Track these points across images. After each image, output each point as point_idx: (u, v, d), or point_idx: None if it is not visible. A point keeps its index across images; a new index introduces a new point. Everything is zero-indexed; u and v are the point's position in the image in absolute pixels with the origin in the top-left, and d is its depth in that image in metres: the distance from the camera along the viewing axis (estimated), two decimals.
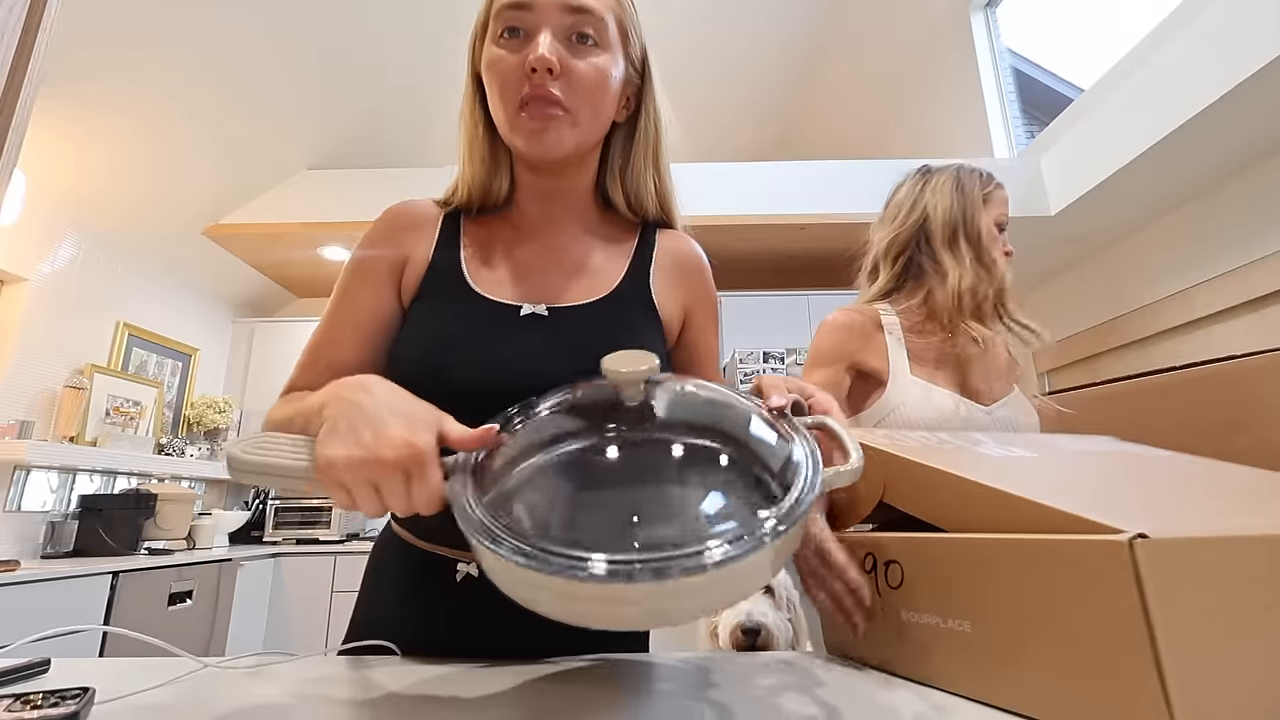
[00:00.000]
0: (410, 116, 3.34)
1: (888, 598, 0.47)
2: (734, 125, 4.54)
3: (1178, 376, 1.30)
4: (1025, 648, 0.36)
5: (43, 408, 2.46)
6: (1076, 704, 0.33)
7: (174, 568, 2.34)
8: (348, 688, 0.44)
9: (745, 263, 3.35)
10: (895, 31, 3.82)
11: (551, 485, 0.37)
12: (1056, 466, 0.52)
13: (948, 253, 1.00)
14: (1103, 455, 0.60)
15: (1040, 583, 0.35)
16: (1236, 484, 0.49)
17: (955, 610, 0.41)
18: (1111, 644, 0.31)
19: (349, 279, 0.62)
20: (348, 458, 0.36)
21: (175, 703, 0.41)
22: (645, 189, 0.66)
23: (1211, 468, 0.56)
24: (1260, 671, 0.30)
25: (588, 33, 0.56)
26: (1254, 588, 0.32)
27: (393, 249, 0.62)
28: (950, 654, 0.41)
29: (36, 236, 2.44)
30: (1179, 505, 0.42)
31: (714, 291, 0.70)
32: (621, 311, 0.61)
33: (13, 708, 0.36)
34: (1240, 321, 2.51)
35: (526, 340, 0.57)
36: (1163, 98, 2.31)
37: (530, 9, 0.55)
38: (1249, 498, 0.45)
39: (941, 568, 0.43)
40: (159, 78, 2.38)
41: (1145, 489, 0.47)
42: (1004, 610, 0.38)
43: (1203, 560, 0.31)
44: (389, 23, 2.79)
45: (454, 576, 0.57)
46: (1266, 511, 0.41)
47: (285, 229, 3.06)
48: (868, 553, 0.50)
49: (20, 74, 0.68)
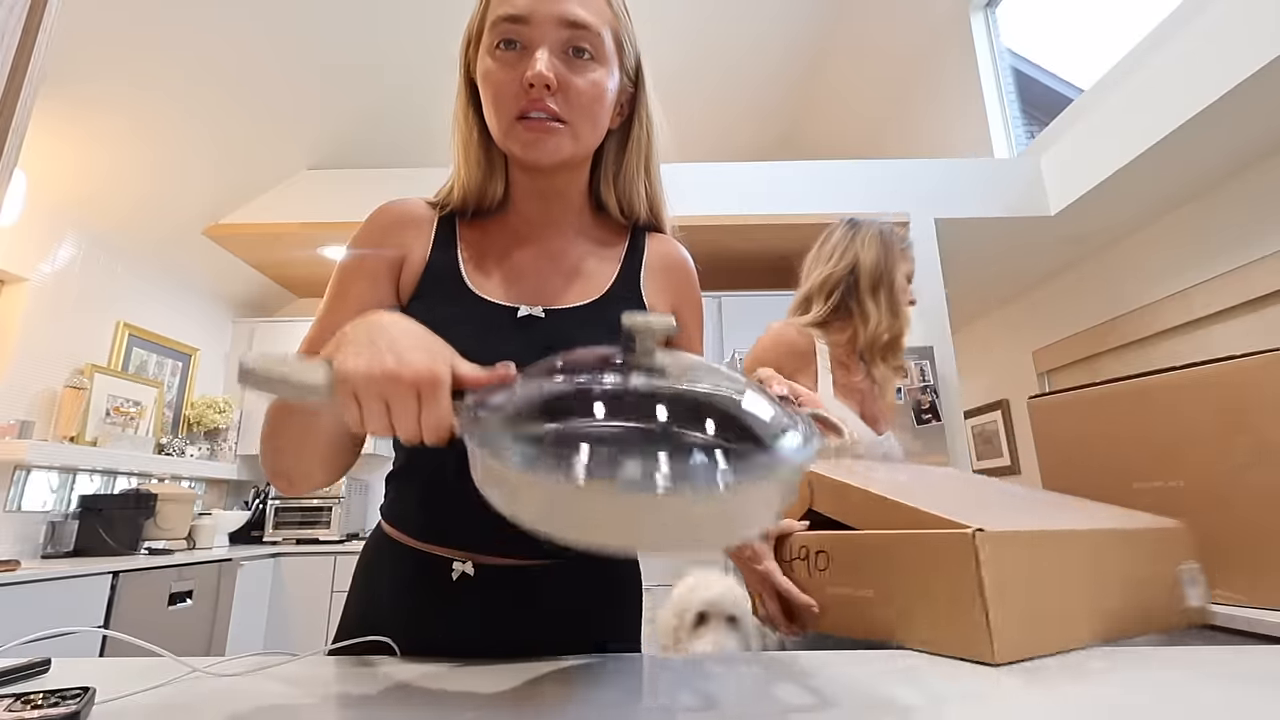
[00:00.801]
0: (410, 116, 3.34)
1: (817, 577, 0.66)
2: (736, 125, 4.54)
3: (1177, 376, 1.30)
4: (909, 605, 0.56)
5: (43, 408, 2.46)
6: (939, 637, 0.53)
7: (174, 568, 2.34)
8: (346, 687, 0.44)
9: (746, 262, 3.34)
10: (896, 32, 3.82)
11: (564, 410, 0.36)
12: (924, 486, 0.72)
13: (871, 298, 1.17)
14: (953, 478, 0.86)
15: (918, 561, 0.55)
16: (1041, 499, 0.78)
17: (863, 583, 0.61)
18: (960, 598, 0.50)
19: (345, 274, 0.62)
20: (368, 370, 0.36)
21: (175, 703, 0.41)
22: (637, 193, 0.67)
23: (1026, 491, 0.84)
24: (1053, 615, 0.53)
25: (584, 47, 0.56)
26: (1049, 561, 0.55)
27: (390, 247, 0.62)
28: (860, 613, 0.61)
29: (36, 236, 2.45)
30: (1003, 511, 0.64)
31: (699, 294, 0.71)
32: (614, 313, 0.61)
33: (13, 708, 0.37)
34: (1240, 321, 2.51)
35: (524, 341, 0.57)
36: (1163, 98, 2.31)
37: (528, 23, 0.54)
38: (1048, 507, 0.72)
39: (854, 554, 0.63)
40: (159, 78, 2.38)
41: (981, 501, 0.70)
42: (895, 580, 0.58)
43: (1017, 544, 0.53)
44: (389, 23, 2.79)
45: (449, 576, 0.57)
46: (1059, 517, 0.66)
47: (285, 229, 3.06)
48: (803, 545, 0.68)
49: (20, 74, 0.68)
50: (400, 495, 0.62)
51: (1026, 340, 3.77)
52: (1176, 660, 0.50)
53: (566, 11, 0.54)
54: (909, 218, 3.00)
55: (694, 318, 0.70)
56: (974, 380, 4.20)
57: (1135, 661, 0.49)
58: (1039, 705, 0.40)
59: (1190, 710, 0.38)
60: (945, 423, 2.63)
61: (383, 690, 0.44)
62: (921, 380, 2.67)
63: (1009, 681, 0.44)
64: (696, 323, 0.70)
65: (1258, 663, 0.49)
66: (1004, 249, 3.21)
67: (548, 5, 0.54)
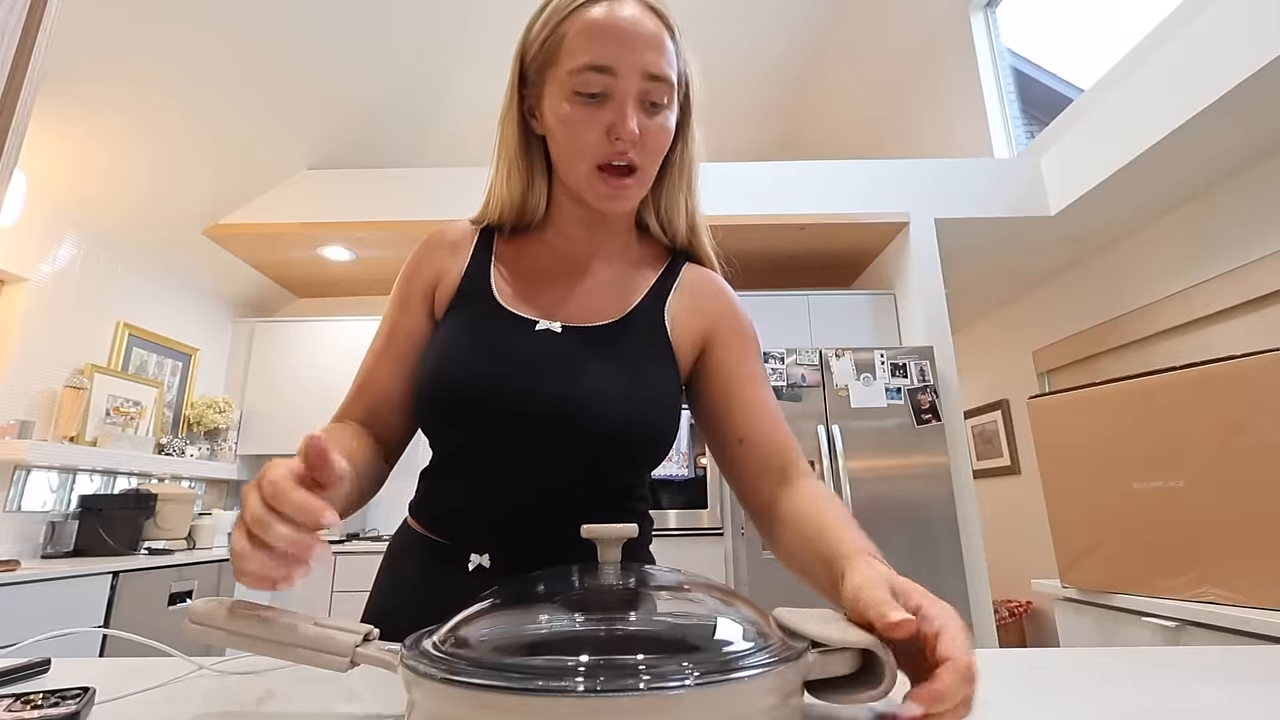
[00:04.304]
0: (410, 117, 3.35)
1: None
2: (735, 125, 4.54)
3: (1177, 376, 1.31)
4: None
5: (43, 408, 2.46)
6: None
7: (174, 568, 2.34)
8: (346, 685, 0.44)
9: (745, 262, 3.34)
10: (896, 32, 3.82)
11: (513, 628, 0.35)
12: None
13: None
14: None
15: None
16: None
17: None
18: None
19: (390, 312, 0.67)
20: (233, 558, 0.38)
21: (175, 703, 0.41)
22: (678, 209, 0.68)
23: None
24: None
25: (660, 101, 0.58)
26: None
27: (426, 272, 0.67)
28: None
29: (36, 236, 2.44)
30: None
31: (743, 317, 0.67)
32: (631, 336, 0.62)
33: (13, 708, 0.37)
34: (1240, 321, 2.51)
35: (535, 353, 0.59)
36: (1163, 98, 2.31)
37: (615, 74, 0.55)
38: None
39: None
40: (159, 77, 2.38)
41: None
42: None
43: None
44: (389, 23, 2.79)
45: (466, 566, 0.59)
46: None
47: (285, 229, 3.06)
48: None
49: (20, 74, 0.68)
50: (429, 489, 0.65)
51: (1026, 340, 3.77)
52: (1176, 660, 0.50)
53: (650, 65, 0.56)
54: (909, 218, 3.01)
55: (736, 338, 0.66)
56: (974, 380, 4.20)
57: (1135, 661, 0.49)
58: (1039, 705, 0.40)
59: (1190, 710, 0.38)
60: (945, 423, 2.63)
61: (377, 691, 0.44)
62: (921, 380, 2.68)
63: (1009, 681, 0.44)
64: (740, 342, 0.66)
65: (1258, 663, 0.49)
66: (1004, 249, 3.21)
67: (634, 57, 0.55)
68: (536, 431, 0.57)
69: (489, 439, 0.58)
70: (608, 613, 0.35)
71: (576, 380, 0.57)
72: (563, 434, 0.56)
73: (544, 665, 0.29)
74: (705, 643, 0.32)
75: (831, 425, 2.59)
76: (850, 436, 2.58)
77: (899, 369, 2.69)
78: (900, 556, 2.44)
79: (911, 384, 2.67)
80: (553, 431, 0.56)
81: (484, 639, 0.33)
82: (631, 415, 0.58)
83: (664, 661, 0.28)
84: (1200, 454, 1.26)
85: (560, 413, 0.56)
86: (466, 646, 0.32)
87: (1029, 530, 3.60)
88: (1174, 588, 1.26)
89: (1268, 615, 1.11)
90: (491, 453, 0.58)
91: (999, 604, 3.60)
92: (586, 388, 0.57)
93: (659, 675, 0.27)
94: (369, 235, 3.10)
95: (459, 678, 0.28)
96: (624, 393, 0.58)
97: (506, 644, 0.33)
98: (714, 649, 0.31)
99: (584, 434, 0.56)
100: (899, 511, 2.50)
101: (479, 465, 0.59)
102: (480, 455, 0.59)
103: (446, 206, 3.05)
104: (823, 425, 2.59)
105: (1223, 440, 1.23)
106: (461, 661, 0.29)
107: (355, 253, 3.27)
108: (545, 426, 0.56)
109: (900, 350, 2.73)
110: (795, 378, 2.65)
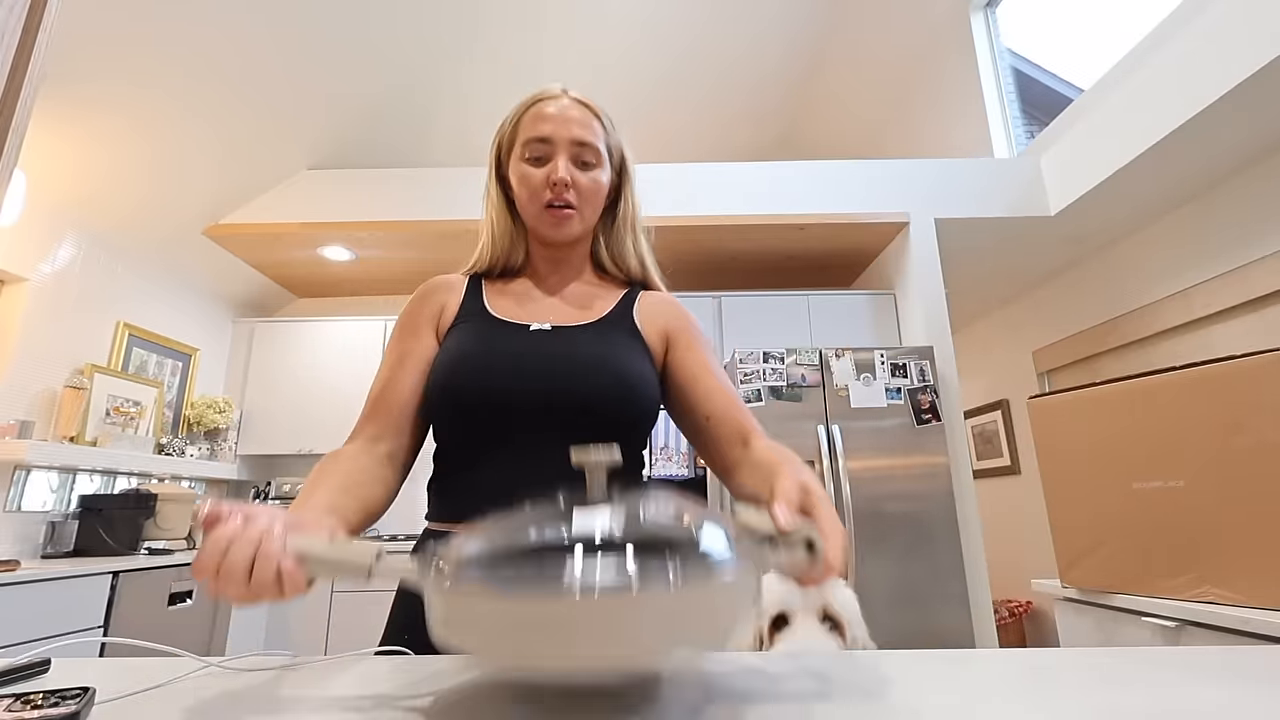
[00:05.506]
0: (410, 117, 3.34)
1: None
2: (734, 125, 4.54)
3: (1177, 376, 1.31)
4: None
5: (43, 408, 2.46)
6: None
7: (174, 568, 2.34)
8: (347, 686, 0.44)
9: (745, 262, 3.34)
10: (895, 32, 3.83)
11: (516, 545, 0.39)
12: None
13: None
14: None
15: None
16: None
17: None
18: None
19: (398, 334, 0.79)
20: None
21: (175, 703, 0.41)
22: (627, 253, 0.86)
23: None
24: None
25: (589, 160, 0.77)
26: None
27: (431, 305, 0.80)
28: None
29: (36, 236, 2.44)
30: None
31: (694, 319, 0.85)
32: (611, 331, 0.78)
33: (13, 708, 0.37)
34: (1240, 321, 2.51)
35: (533, 347, 0.73)
36: (1163, 98, 2.31)
37: (551, 143, 0.76)
38: None
39: None
40: (159, 77, 2.38)
41: None
42: None
43: None
44: (390, 22, 2.79)
45: None
46: None
47: (285, 229, 3.06)
48: None
49: (20, 74, 0.68)
50: (443, 490, 0.73)
51: (1026, 340, 3.77)
52: (1176, 660, 0.50)
53: (576, 134, 0.77)
54: (909, 218, 3.01)
55: (691, 336, 0.81)
56: (974, 380, 4.20)
57: (1135, 661, 0.49)
58: (1039, 705, 0.40)
59: (1190, 710, 0.38)
60: (945, 422, 2.63)
61: (379, 690, 0.44)
62: (921, 380, 2.68)
63: (1009, 681, 0.44)
64: (695, 340, 0.81)
65: (1258, 663, 0.49)
66: (1004, 249, 3.21)
67: (565, 130, 0.76)
68: (544, 410, 0.68)
69: (502, 424, 0.68)
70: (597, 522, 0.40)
71: (575, 359, 0.71)
72: (568, 407, 0.68)
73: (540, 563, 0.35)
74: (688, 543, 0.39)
75: (831, 425, 2.59)
76: (850, 436, 2.57)
77: (899, 369, 2.69)
78: (900, 556, 2.44)
79: (911, 384, 2.67)
80: (559, 406, 0.68)
81: (486, 550, 0.38)
82: (625, 379, 0.71)
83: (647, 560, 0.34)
84: (1200, 454, 1.26)
85: (563, 388, 0.69)
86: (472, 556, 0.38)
87: (1029, 530, 3.60)
88: (1174, 588, 1.26)
89: (1268, 615, 1.11)
90: (506, 436, 0.68)
91: (999, 604, 3.60)
92: (583, 362, 0.71)
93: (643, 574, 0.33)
94: (369, 235, 3.10)
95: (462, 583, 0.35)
96: (616, 364, 0.72)
97: (504, 551, 0.38)
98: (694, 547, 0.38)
99: (587, 402, 0.68)
100: (899, 511, 2.50)
101: (495, 452, 0.69)
102: (495, 440, 0.69)
103: (447, 207, 3.05)
104: (823, 425, 2.59)
105: (1223, 440, 1.23)
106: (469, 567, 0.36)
107: (355, 253, 3.27)
108: (551, 405, 0.68)
109: (900, 350, 2.73)
110: (795, 378, 2.65)
